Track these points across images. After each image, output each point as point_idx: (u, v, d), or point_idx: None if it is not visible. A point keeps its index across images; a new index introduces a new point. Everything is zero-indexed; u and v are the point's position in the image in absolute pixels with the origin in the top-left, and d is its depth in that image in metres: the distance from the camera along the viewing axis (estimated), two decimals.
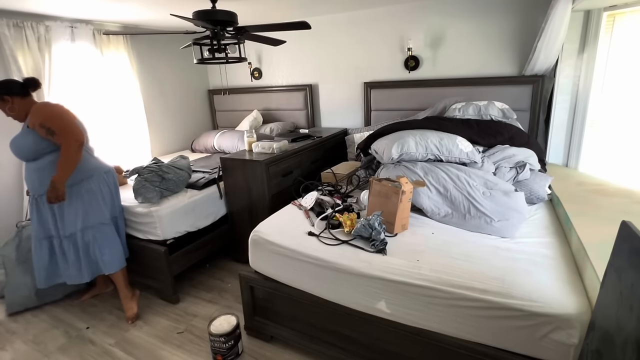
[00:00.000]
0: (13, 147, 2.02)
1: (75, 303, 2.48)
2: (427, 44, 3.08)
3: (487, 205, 1.83)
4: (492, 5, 2.77)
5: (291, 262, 1.75)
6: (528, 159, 2.18)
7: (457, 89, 2.94)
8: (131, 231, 2.44)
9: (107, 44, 3.15)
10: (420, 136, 2.18)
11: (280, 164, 2.63)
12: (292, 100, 3.81)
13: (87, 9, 2.63)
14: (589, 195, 1.97)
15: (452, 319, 1.39)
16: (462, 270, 1.43)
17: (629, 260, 0.86)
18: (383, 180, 1.85)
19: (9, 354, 2.04)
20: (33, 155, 2.01)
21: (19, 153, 2.02)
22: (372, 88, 3.36)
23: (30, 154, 2.00)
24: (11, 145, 2.01)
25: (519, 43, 2.75)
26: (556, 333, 1.21)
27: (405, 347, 1.53)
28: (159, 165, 2.51)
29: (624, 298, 0.85)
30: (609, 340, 0.91)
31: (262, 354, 1.93)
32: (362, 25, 3.31)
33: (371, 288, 1.53)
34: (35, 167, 2.02)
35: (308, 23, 2.20)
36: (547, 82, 2.62)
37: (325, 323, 1.74)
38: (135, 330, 2.18)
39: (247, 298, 1.97)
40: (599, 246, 1.34)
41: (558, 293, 1.27)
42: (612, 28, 2.24)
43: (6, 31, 2.51)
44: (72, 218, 2.09)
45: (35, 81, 2.03)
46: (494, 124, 2.44)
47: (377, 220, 1.67)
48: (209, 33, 2.33)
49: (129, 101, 3.40)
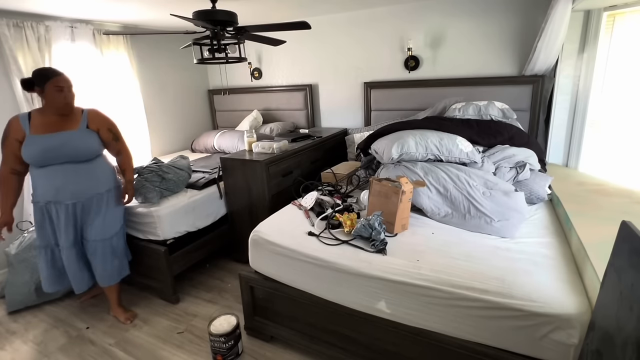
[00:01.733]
0: (70, 147, 1.93)
1: (75, 303, 2.48)
2: (427, 44, 3.08)
3: (487, 205, 1.83)
4: (492, 5, 2.77)
5: (291, 262, 1.75)
6: (528, 159, 2.18)
7: (457, 89, 2.94)
8: (131, 231, 2.44)
9: (107, 44, 3.15)
10: (420, 136, 2.18)
11: (280, 164, 2.63)
12: (292, 100, 3.81)
13: (87, 9, 2.63)
14: (589, 195, 1.97)
15: (452, 319, 1.39)
16: (462, 270, 1.43)
17: (629, 260, 0.86)
18: (383, 180, 1.85)
19: (9, 354, 2.04)
20: (91, 157, 2.01)
21: (76, 153, 1.95)
22: (372, 88, 3.36)
23: (89, 155, 2.00)
24: (65, 145, 1.91)
25: (519, 43, 2.75)
26: (556, 333, 1.21)
27: (405, 347, 1.53)
28: (159, 165, 2.51)
29: (624, 298, 0.85)
30: (609, 340, 0.91)
31: (262, 354, 1.93)
32: (362, 25, 3.31)
33: (371, 288, 1.53)
34: (88, 169, 2.00)
35: (308, 23, 2.20)
36: (547, 82, 2.62)
37: (325, 323, 1.74)
38: (135, 330, 2.18)
39: (247, 298, 1.97)
40: (599, 246, 1.34)
41: (558, 293, 1.27)
42: (612, 28, 2.24)
43: (6, 31, 2.50)
44: (113, 222, 2.15)
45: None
46: (494, 124, 2.44)
47: (377, 220, 1.67)
48: (209, 33, 2.33)
49: (129, 101, 3.39)
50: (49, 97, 1.88)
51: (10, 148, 1.91)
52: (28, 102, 2.66)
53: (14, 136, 1.89)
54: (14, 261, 2.38)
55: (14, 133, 1.89)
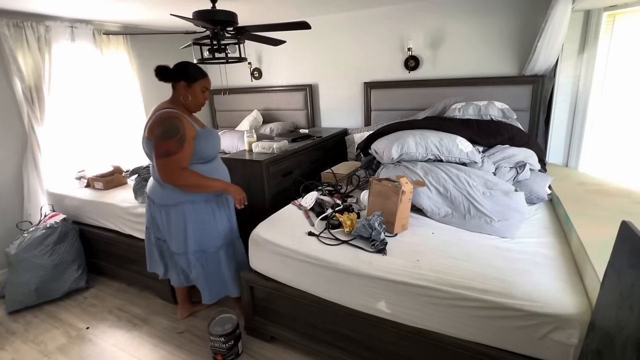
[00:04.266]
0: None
1: (75, 303, 2.48)
2: (427, 44, 3.08)
3: (487, 205, 1.83)
4: (492, 5, 2.77)
5: (291, 262, 1.75)
6: (528, 159, 2.18)
7: (457, 89, 2.94)
8: (131, 231, 2.44)
9: (107, 44, 3.15)
10: (420, 136, 2.18)
11: (280, 164, 2.63)
12: (292, 100, 3.81)
13: (87, 9, 2.63)
14: (589, 195, 1.97)
15: (452, 319, 1.39)
16: (462, 270, 1.43)
17: (629, 260, 0.86)
18: (383, 180, 1.85)
19: (9, 354, 2.04)
20: None
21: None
22: (372, 88, 3.36)
23: None
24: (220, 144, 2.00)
25: (519, 43, 2.75)
26: (556, 333, 1.21)
27: (405, 347, 1.53)
28: None
29: (624, 298, 0.85)
30: (609, 340, 0.91)
31: (262, 354, 1.93)
32: (362, 25, 3.31)
33: (371, 288, 1.53)
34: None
35: (308, 23, 2.20)
36: (547, 82, 2.62)
37: (325, 323, 1.74)
38: (135, 330, 2.18)
39: (247, 298, 1.97)
40: (599, 246, 1.34)
41: (558, 293, 1.27)
42: (612, 28, 2.24)
43: (6, 31, 2.50)
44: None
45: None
46: (494, 124, 2.44)
47: (377, 221, 1.67)
48: (209, 33, 2.33)
49: (128, 101, 3.40)
50: (194, 95, 1.82)
51: (190, 147, 1.77)
52: (28, 102, 2.67)
53: (190, 134, 1.77)
54: (14, 261, 2.38)
55: (189, 130, 1.76)
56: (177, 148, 1.71)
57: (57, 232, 2.49)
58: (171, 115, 1.74)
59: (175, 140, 1.71)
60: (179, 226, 1.89)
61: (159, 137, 1.71)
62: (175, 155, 1.71)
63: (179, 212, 1.87)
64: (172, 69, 1.80)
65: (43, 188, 2.85)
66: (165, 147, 1.70)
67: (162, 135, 1.70)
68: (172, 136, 1.70)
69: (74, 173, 2.94)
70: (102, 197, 2.61)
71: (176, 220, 1.88)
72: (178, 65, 1.81)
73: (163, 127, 1.71)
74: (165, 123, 1.72)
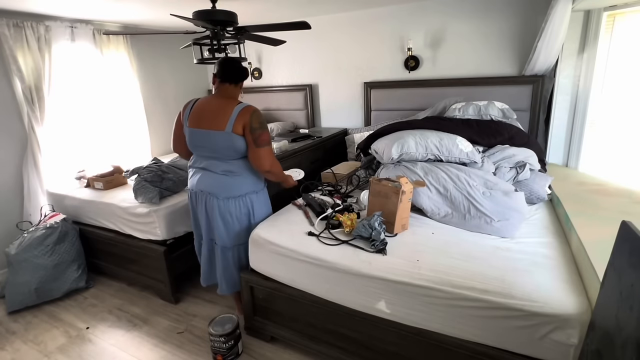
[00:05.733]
0: None
1: (75, 303, 2.48)
2: (427, 44, 3.08)
3: (487, 205, 1.83)
4: (492, 5, 2.77)
5: (291, 262, 1.75)
6: (528, 159, 2.18)
7: (457, 89, 2.94)
8: (131, 231, 2.44)
9: (107, 44, 3.15)
10: (420, 136, 2.18)
11: (280, 163, 2.61)
12: (292, 100, 3.81)
13: (87, 9, 2.63)
14: (589, 195, 1.97)
15: (452, 319, 1.39)
16: (462, 270, 1.43)
17: (629, 260, 0.86)
18: (383, 180, 1.85)
19: (9, 354, 2.04)
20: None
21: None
22: (372, 88, 3.36)
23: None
24: None
25: (518, 43, 2.75)
26: (556, 333, 1.21)
27: (405, 347, 1.53)
28: (158, 165, 2.51)
29: (624, 298, 0.85)
30: (609, 341, 0.91)
31: (262, 354, 1.93)
32: (362, 25, 3.31)
33: (371, 288, 1.53)
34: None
35: (308, 23, 2.20)
36: (547, 82, 2.62)
37: (325, 323, 1.74)
38: (135, 330, 2.18)
39: (247, 298, 1.97)
40: (599, 246, 1.34)
41: (558, 293, 1.27)
42: (612, 28, 2.24)
43: (6, 31, 2.50)
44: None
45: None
46: (494, 124, 2.44)
47: (377, 221, 1.67)
48: (209, 33, 2.33)
49: (128, 101, 3.40)
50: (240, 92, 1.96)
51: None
52: (28, 102, 2.67)
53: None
54: (14, 261, 2.38)
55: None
56: (270, 138, 1.89)
57: (57, 232, 2.49)
58: (257, 109, 1.86)
59: (268, 131, 1.88)
60: (241, 216, 1.95)
61: (260, 128, 1.82)
62: (271, 144, 1.89)
63: (246, 201, 1.95)
64: (244, 71, 1.90)
65: (43, 188, 2.85)
66: (267, 136, 1.85)
67: (262, 126, 1.83)
68: (266, 127, 1.86)
69: (74, 173, 2.93)
70: (102, 197, 2.61)
71: (239, 211, 1.94)
72: (242, 66, 1.91)
73: (260, 119, 1.83)
74: (260, 115, 1.84)
